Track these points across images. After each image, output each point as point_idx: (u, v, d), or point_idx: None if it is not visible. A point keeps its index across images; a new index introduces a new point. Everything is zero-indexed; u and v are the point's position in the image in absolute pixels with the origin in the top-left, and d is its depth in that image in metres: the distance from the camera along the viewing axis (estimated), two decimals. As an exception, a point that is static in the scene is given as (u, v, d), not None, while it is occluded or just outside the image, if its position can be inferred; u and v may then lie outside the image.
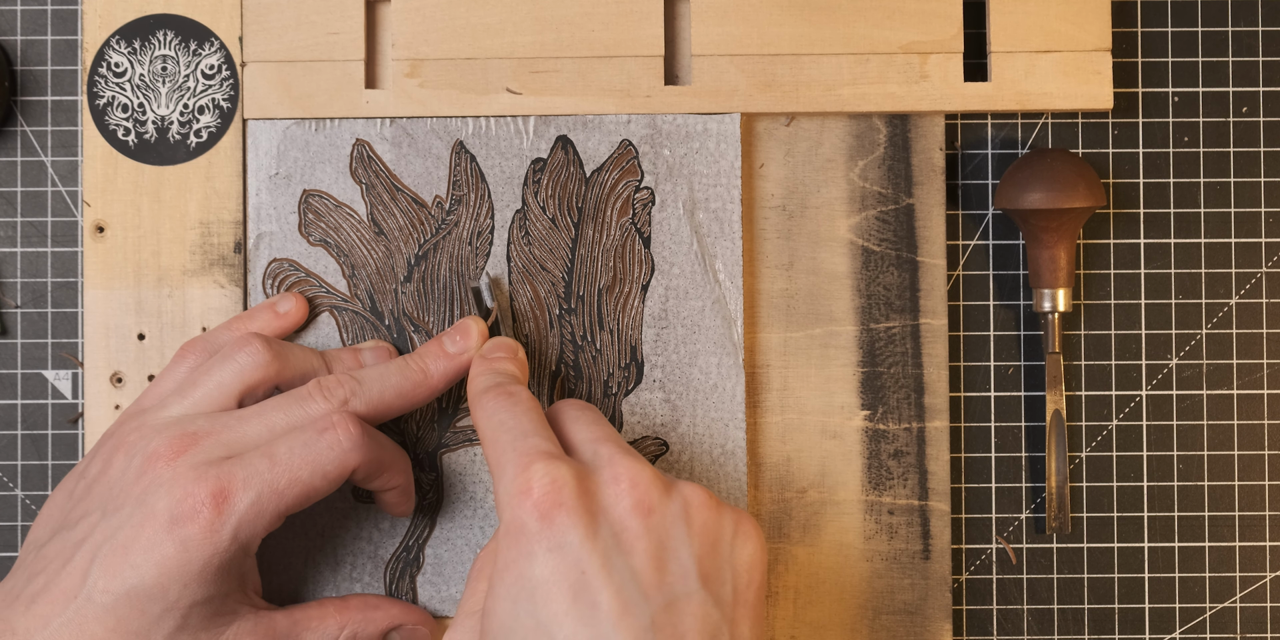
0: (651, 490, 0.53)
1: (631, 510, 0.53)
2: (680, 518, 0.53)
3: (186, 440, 0.57)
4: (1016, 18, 0.66)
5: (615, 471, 0.53)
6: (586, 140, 0.66)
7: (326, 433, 0.57)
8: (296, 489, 0.56)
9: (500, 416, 0.56)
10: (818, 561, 0.66)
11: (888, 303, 0.66)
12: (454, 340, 0.62)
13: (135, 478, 0.56)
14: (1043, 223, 0.65)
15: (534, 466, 0.52)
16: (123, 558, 0.55)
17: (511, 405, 0.56)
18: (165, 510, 0.55)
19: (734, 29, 0.66)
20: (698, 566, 0.53)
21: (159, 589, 0.55)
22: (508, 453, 0.54)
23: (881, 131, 0.67)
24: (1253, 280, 0.68)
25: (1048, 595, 0.68)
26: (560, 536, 0.51)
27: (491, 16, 0.66)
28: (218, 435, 0.57)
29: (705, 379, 0.65)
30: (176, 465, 0.56)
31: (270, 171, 0.66)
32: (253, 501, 0.55)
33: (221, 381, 0.59)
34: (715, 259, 0.65)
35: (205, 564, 0.55)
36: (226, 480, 0.55)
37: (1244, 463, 0.68)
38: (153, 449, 0.56)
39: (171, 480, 0.55)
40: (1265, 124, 0.68)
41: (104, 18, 0.66)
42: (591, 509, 0.52)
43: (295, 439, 0.57)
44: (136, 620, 0.55)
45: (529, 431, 0.55)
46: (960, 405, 0.68)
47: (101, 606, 0.55)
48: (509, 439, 0.55)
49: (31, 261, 0.68)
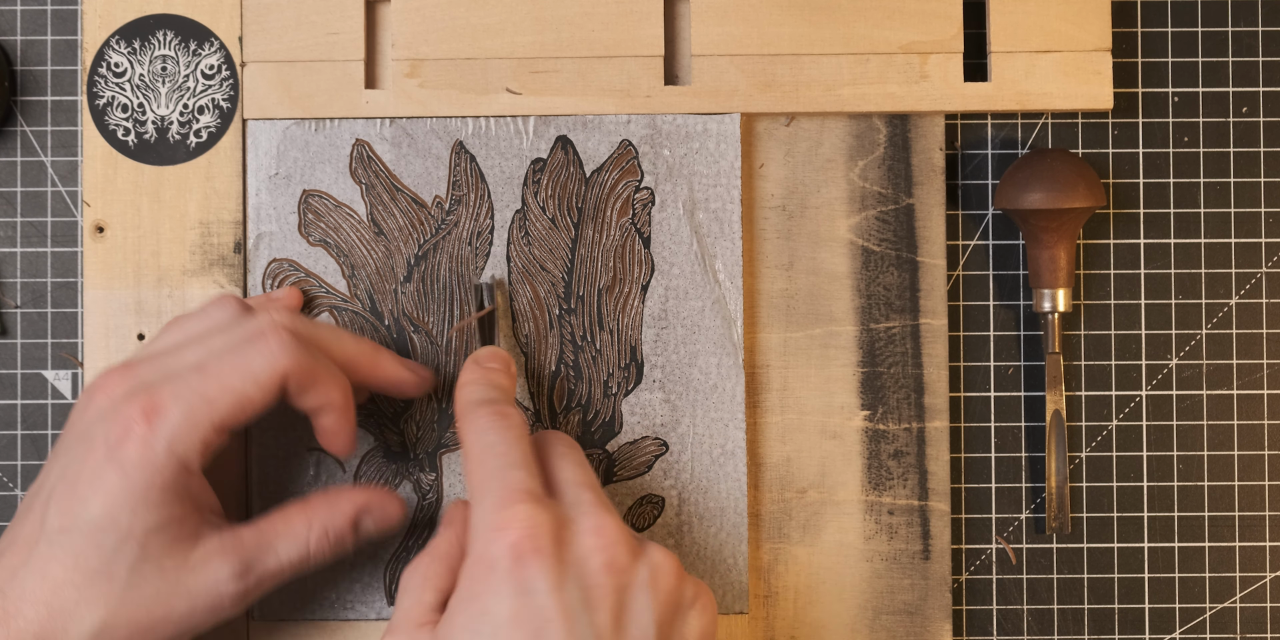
0: (624, 550, 0.53)
1: (603, 567, 0.53)
2: (647, 582, 0.54)
3: (126, 371, 0.56)
4: (1016, 18, 0.66)
5: (593, 524, 0.54)
6: (586, 140, 0.66)
7: (257, 340, 0.57)
8: (229, 397, 0.56)
9: (490, 438, 0.56)
10: (818, 561, 0.66)
11: (888, 303, 0.66)
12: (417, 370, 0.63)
13: (80, 415, 0.56)
14: (1043, 223, 0.65)
15: (517, 507, 0.53)
16: (71, 493, 0.55)
17: (504, 428, 0.56)
18: (102, 437, 0.55)
19: (734, 29, 0.66)
20: (657, 631, 0.53)
21: (108, 519, 0.54)
22: (492, 481, 0.54)
23: (881, 131, 0.67)
24: (1253, 280, 0.68)
25: (1048, 595, 0.68)
26: (529, 582, 0.52)
27: (491, 16, 0.66)
28: (155, 361, 0.57)
29: (705, 379, 0.65)
30: (113, 394, 0.56)
31: (270, 171, 0.66)
32: (184, 412, 0.55)
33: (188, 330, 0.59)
34: (715, 259, 0.65)
35: (148, 485, 0.55)
36: (155, 395, 0.55)
37: (1244, 463, 0.68)
38: (96, 384, 0.56)
39: (108, 408, 0.55)
40: (1265, 124, 0.68)
41: (104, 18, 0.66)
42: (564, 559, 0.52)
43: (224, 349, 0.56)
44: (94, 555, 0.55)
45: (516, 463, 0.55)
46: (960, 405, 0.68)
47: (59, 546, 0.55)
48: (495, 466, 0.55)
49: (31, 261, 0.68)
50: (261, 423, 0.65)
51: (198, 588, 0.57)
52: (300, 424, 0.65)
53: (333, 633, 0.65)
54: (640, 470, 0.65)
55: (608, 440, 0.65)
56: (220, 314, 0.59)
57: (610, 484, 0.65)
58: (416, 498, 0.65)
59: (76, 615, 0.55)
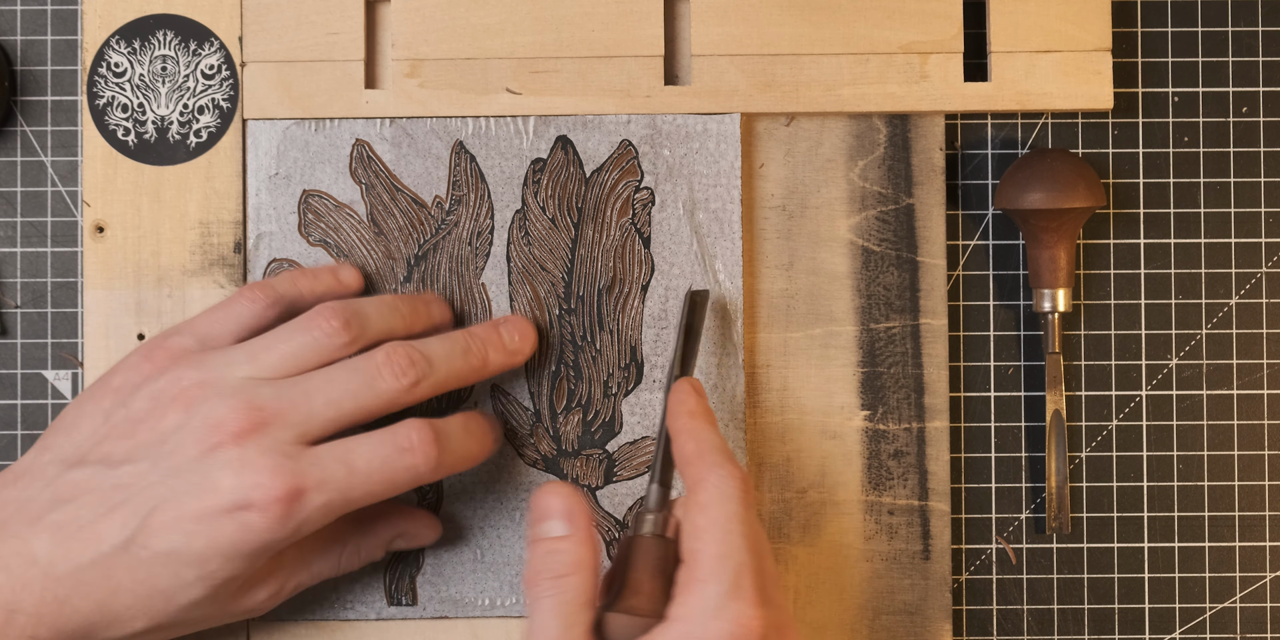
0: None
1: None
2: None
3: (254, 418, 0.56)
4: (1016, 18, 0.66)
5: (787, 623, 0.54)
6: (586, 140, 0.66)
7: (406, 454, 0.57)
8: (367, 499, 0.57)
9: (734, 507, 0.54)
10: (818, 561, 0.66)
11: (888, 303, 0.66)
12: (512, 338, 0.62)
13: (194, 443, 0.56)
14: (1043, 223, 0.65)
15: (760, 609, 0.52)
16: (174, 521, 0.55)
17: (745, 500, 0.55)
18: (231, 491, 0.54)
19: (734, 29, 0.66)
20: None
21: (200, 559, 0.55)
22: (736, 564, 0.53)
23: (881, 131, 0.67)
24: (1253, 280, 0.68)
25: (1048, 595, 0.68)
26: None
27: (491, 16, 0.66)
28: (285, 416, 0.56)
29: (705, 379, 0.65)
30: (246, 447, 0.55)
31: (270, 171, 0.66)
32: (323, 504, 0.55)
33: (298, 354, 0.58)
34: (715, 259, 0.65)
35: (259, 549, 0.55)
36: (302, 480, 0.55)
37: (1244, 463, 0.68)
38: (218, 418, 0.56)
39: (240, 463, 0.55)
40: (1265, 124, 0.68)
41: (104, 18, 0.66)
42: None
43: (375, 453, 0.56)
44: (168, 580, 0.55)
45: (763, 551, 0.54)
46: (960, 405, 0.68)
47: (137, 559, 0.55)
48: (742, 546, 0.53)
49: (31, 261, 0.68)
50: None
51: (237, 610, 0.59)
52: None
53: (333, 633, 0.65)
54: (640, 470, 0.65)
55: (608, 440, 0.65)
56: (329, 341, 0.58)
57: (610, 484, 0.65)
58: (416, 498, 0.65)
59: (124, 618, 0.56)
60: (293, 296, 0.61)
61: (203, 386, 0.57)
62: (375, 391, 0.57)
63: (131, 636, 0.56)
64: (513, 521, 0.65)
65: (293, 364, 0.58)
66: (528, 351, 0.63)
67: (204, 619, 0.58)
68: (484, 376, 0.61)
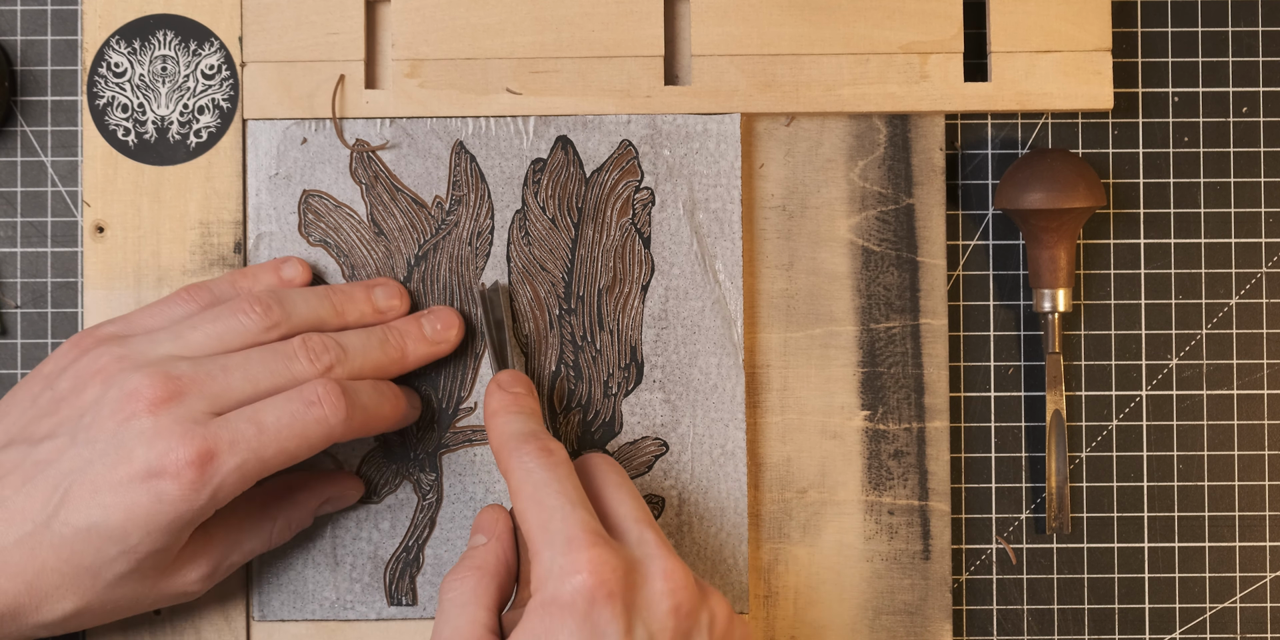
0: (690, 595, 0.54)
1: (670, 612, 0.54)
2: (706, 626, 0.55)
3: (170, 386, 0.56)
4: (1016, 18, 0.66)
5: (662, 569, 0.54)
6: (586, 140, 0.66)
7: (314, 407, 0.57)
8: (281, 458, 0.57)
9: (541, 475, 0.56)
10: (818, 561, 0.66)
11: (888, 303, 0.66)
12: (434, 327, 0.63)
13: (110, 414, 0.56)
14: (1043, 223, 0.65)
15: (590, 551, 0.53)
16: (91, 495, 0.55)
17: (552, 466, 0.56)
18: (143, 460, 0.55)
19: (734, 29, 0.66)
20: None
21: (121, 532, 0.55)
22: (556, 522, 0.54)
23: (881, 131, 0.67)
24: (1253, 280, 0.68)
25: (1048, 595, 0.68)
26: (602, 626, 0.52)
27: (491, 16, 0.66)
28: (202, 386, 0.57)
29: (705, 379, 0.65)
30: (159, 415, 0.56)
31: (270, 171, 0.66)
32: (237, 466, 0.56)
33: (221, 336, 0.59)
34: (715, 259, 0.65)
35: (176, 518, 0.55)
36: (212, 443, 0.55)
37: (1244, 463, 0.68)
38: (133, 388, 0.56)
39: (154, 432, 0.55)
40: (1265, 124, 0.68)
41: (104, 18, 0.66)
42: (633, 604, 0.53)
43: (283, 408, 0.57)
44: (91, 556, 0.56)
45: (576, 501, 0.55)
46: (960, 405, 0.68)
47: (59, 536, 0.55)
48: (555, 505, 0.55)
49: (31, 261, 0.68)
50: None
51: (170, 590, 0.59)
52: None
53: (332, 633, 0.65)
54: (640, 470, 0.65)
55: (608, 440, 0.65)
56: (252, 324, 0.60)
57: (610, 484, 0.65)
58: (417, 498, 0.65)
59: (53, 598, 0.56)
60: (230, 297, 0.62)
61: (122, 361, 0.58)
62: (291, 373, 0.58)
63: (64, 619, 0.57)
64: (513, 521, 0.65)
65: (215, 344, 0.59)
66: (453, 340, 0.63)
67: (136, 598, 0.58)
68: (407, 367, 0.62)
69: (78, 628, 0.58)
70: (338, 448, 0.65)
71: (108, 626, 0.64)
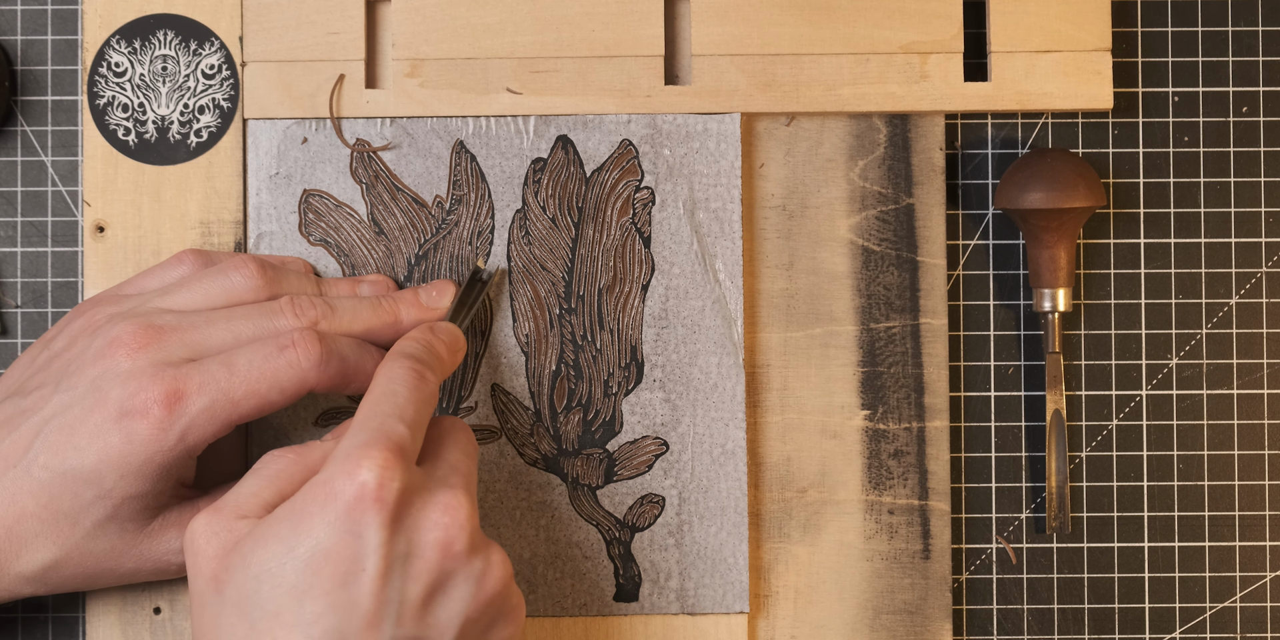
0: (465, 537, 0.53)
1: (437, 543, 0.53)
2: (474, 577, 0.53)
3: (151, 333, 0.57)
4: (1016, 18, 0.66)
5: (446, 501, 0.53)
6: (586, 140, 0.66)
7: (287, 350, 0.57)
8: (252, 401, 0.57)
9: (397, 386, 0.56)
10: (818, 561, 0.66)
11: (888, 303, 0.66)
12: (430, 296, 0.63)
13: (93, 360, 0.57)
14: (1043, 223, 0.65)
15: (380, 453, 0.52)
16: (67, 438, 0.56)
17: (415, 386, 0.56)
18: (116, 400, 0.55)
19: (734, 29, 0.66)
20: (461, 625, 0.53)
21: (96, 475, 0.56)
22: (374, 420, 0.54)
23: (881, 131, 0.67)
24: (1253, 280, 0.68)
25: (1048, 595, 0.68)
26: (361, 527, 0.51)
27: (491, 16, 0.66)
28: (183, 334, 0.57)
29: (705, 379, 0.65)
30: (137, 358, 0.56)
31: (270, 171, 0.66)
32: (205, 407, 0.56)
33: (209, 293, 0.60)
34: (715, 259, 0.65)
35: (147, 460, 0.56)
36: (182, 382, 0.56)
37: (1244, 463, 0.68)
38: (115, 334, 0.57)
39: (129, 373, 0.56)
40: (1265, 124, 0.68)
41: (104, 18, 0.66)
42: (402, 521, 0.52)
43: (256, 351, 0.57)
44: (69, 501, 0.56)
45: (406, 418, 0.54)
46: (960, 405, 0.68)
47: (38, 481, 0.56)
48: (385, 409, 0.54)
49: (31, 261, 0.68)
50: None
51: (149, 553, 0.59)
52: (303, 407, 0.65)
53: (333, 632, 0.65)
54: (640, 470, 0.65)
55: (608, 440, 0.65)
56: (243, 283, 0.60)
57: (610, 484, 0.65)
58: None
59: (31, 546, 0.56)
60: None
61: (111, 317, 0.59)
62: (274, 326, 0.58)
63: (43, 570, 0.57)
64: (513, 521, 0.65)
65: (203, 301, 0.60)
66: (447, 307, 0.63)
67: (115, 555, 0.58)
68: (399, 332, 0.61)
69: (60, 585, 0.58)
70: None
71: (108, 626, 0.64)
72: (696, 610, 0.65)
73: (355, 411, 0.63)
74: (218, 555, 0.53)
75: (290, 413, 0.65)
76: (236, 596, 0.52)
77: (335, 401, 0.65)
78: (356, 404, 0.65)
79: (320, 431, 0.65)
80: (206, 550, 0.53)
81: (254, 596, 0.51)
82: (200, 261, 0.62)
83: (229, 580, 0.52)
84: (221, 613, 0.52)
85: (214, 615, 0.52)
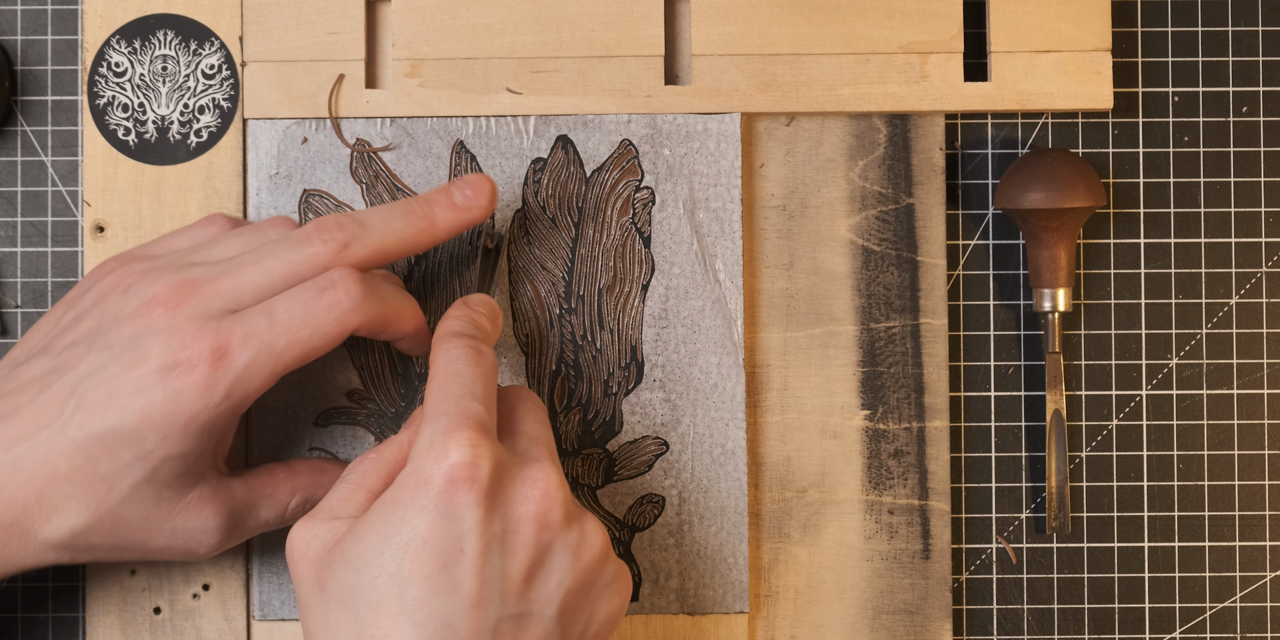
0: (559, 509, 0.53)
1: (532, 517, 0.53)
2: (571, 547, 0.54)
3: (187, 288, 0.55)
4: (1016, 18, 0.66)
5: (536, 475, 0.53)
6: (586, 140, 0.66)
7: (327, 292, 0.56)
8: (295, 349, 0.55)
9: (459, 367, 0.55)
10: (818, 561, 0.66)
11: (888, 302, 0.66)
12: (464, 193, 0.60)
13: (130, 318, 0.55)
14: (1043, 223, 0.65)
15: (464, 433, 0.52)
16: (107, 396, 0.54)
17: (475, 362, 0.56)
18: (159, 357, 0.54)
19: (734, 29, 0.66)
20: (563, 598, 0.53)
21: (137, 435, 0.54)
22: (449, 403, 0.54)
23: (881, 131, 0.67)
24: (1253, 280, 0.68)
25: (1048, 595, 0.68)
26: (457, 508, 0.51)
27: (491, 16, 0.66)
28: (217, 283, 0.56)
29: (705, 379, 0.65)
30: (175, 314, 0.55)
31: (270, 171, 0.66)
32: (250, 360, 0.55)
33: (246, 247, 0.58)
34: (715, 259, 0.65)
35: (192, 418, 0.54)
36: (226, 337, 0.54)
37: (1244, 463, 0.68)
38: (152, 293, 0.55)
39: (169, 329, 0.54)
40: (1265, 124, 0.68)
41: (104, 18, 0.66)
42: (496, 498, 0.52)
43: (295, 298, 0.56)
44: (106, 462, 0.54)
45: (478, 395, 0.54)
46: (960, 405, 0.68)
47: (73, 441, 0.54)
48: (456, 391, 0.54)
49: (31, 261, 0.68)
50: (266, 405, 0.65)
51: (183, 528, 0.57)
52: (303, 407, 0.65)
53: (333, 632, 0.65)
54: (640, 470, 0.65)
55: (608, 440, 0.65)
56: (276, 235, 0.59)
57: (610, 484, 0.65)
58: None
59: (63, 510, 0.55)
60: None
61: (143, 273, 0.57)
62: (305, 256, 0.57)
63: (72, 535, 0.55)
64: (513, 521, 0.65)
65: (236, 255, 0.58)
66: (484, 207, 0.60)
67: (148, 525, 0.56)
68: (436, 237, 0.59)
69: (87, 551, 0.56)
70: (338, 447, 0.65)
71: (108, 626, 0.64)
72: (696, 610, 0.65)
73: (346, 413, 0.63)
74: (318, 557, 0.53)
75: (290, 413, 0.65)
76: (339, 592, 0.52)
77: (335, 401, 0.65)
78: (358, 401, 0.65)
79: (320, 431, 0.65)
80: (307, 553, 0.53)
81: (356, 589, 0.51)
82: (230, 223, 0.61)
83: (330, 577, 0.52)
84: (326, 611, 0.52)
85: (319, 614, 0.52)
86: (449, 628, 0.51)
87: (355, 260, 0.57)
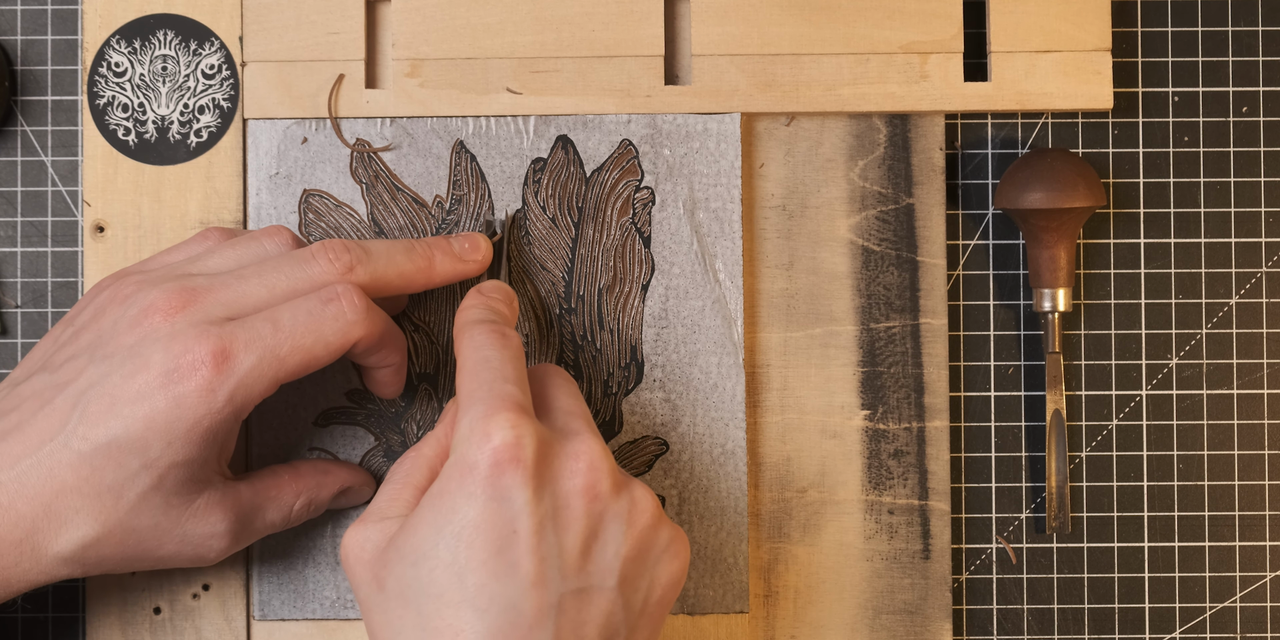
0: (607, 478, 0.53)
1: (580, 490, 0.53)
2: (622, 516, 0.54)
3: (186, 296, 0.55)
4: (1016, 18, 0.66)
5: (579, 448, 0.54)
6: (586, 140, 0.66)
7: (331, 303, 0.56)
8: (298, 356, 0.55)
9: (487, 352, 0.56)
10: (818, 561, 0.66)
11: (888, 302, 0.66)
12: (461, 246, 0.62)
13: (129, 327, 0.55)
14: (1043, 222, 0.65)
15: (503, 415, 0.52)
16: (109, 406, 0.54)
17: (502, 346, 0.56)
18: (160, 364, 0.54)
19: (734, 29, 0.66)
20: (621, 567, 0.53)
21: (141, 443, 0.54)
22: (483, 389, 0.54)
23: (881, 131, 0.67)
24: (1253, 280, 0.68)
25: (1048, 595, 0.68)
26: (506, 490, 0.51)
27: (492, 16, 0.66)
28: (218, 293, 0.56)
29: (705, 379, 0.65)
30: (175, 321, 0.55)
31: (270, 171, 0.66)
32: (253, 365, 0.54)
33: (241, 259, 0.58)
34: (715, 259, 0.65)
35: (195, 423, 0.54)
36: (229, 341, 0.54)
37: (1244, 463, 0.68)
38: (150, 301, 0.55)
39: (170, 335, 0.54)
40: (1265, 124, 0.68)
41: (104, 18, 0.66)
42: (543, 475, 0.52)
43: (300, 306, 0.56)
44: (112, 473, 0.54)
45: (510, 378, 0.54)
46: (960, 405, 0.68)
47: (78, 453, 0.54)
48: (488, 377, 0.54)
49: (31, 261, 0.68)
50: (265, 405, 0.65)
51: (192, 534, 0.57)
52: (303, 408, 0.65)
53: (333, 632, 0.65)
54: (640, 470, 0.65)
55: (608, 440, 0.65)
56: (276, 249, 0.59)
57: (610, 484, 0.65)
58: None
59: (71, 523, 0.55)
60: None
61: (140, 284, 0.57)
62: (308, 275, 0.57)
63: (83, 548, 0.55)
64: (513, 521, 0.65)
65: (234, 266, 0.58)
66: (479, 262, 0.62)
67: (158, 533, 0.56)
68: (431, 280, 0.60)
69: (98, 564, 0.56)
70: (338, 447, 0.65)
71: (108, 625, 0.64)
72: (696, 610, 0.65)
73: (346, 413, 0.63)
74: (373, 558, 0.53)
75: (290, 413, 0.65)
76: (398, 588, 0.52)
77: (335, 401, 0.65)
78: (358, 401, 0.65)
79: (320, 431, 0.65)
80: (362, 556, 0.54)
81: (415, 583, 0.51)
82: (224, 235, 0.61)
83: (388, 575, 0.52)
84: (388, 609, 0.52)
85: (382, 614, 0.52)
86: (513, 610, 0.51)
87: (357, 284, 0.58)
